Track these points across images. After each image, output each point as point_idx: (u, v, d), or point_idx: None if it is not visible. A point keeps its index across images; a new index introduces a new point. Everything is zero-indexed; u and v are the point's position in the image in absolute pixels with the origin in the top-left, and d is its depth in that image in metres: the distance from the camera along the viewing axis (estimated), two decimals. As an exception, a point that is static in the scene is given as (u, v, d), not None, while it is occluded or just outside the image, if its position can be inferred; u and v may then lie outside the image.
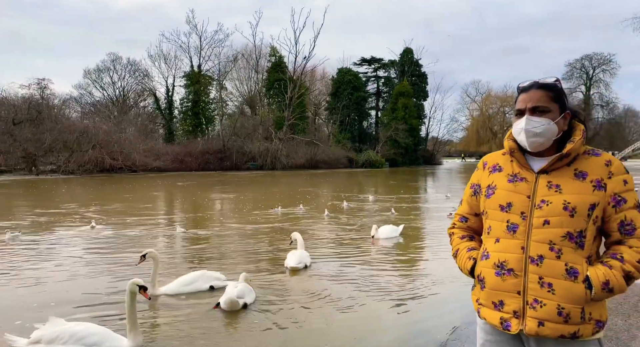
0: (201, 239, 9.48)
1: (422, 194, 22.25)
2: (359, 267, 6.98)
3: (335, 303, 5.34)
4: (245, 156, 48.24)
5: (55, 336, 3.76)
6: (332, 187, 26.05)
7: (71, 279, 6.39)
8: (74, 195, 21.60)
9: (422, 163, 65.42)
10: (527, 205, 1.69)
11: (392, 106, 61.16)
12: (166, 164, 41.84)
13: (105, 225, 11.32)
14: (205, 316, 4.93)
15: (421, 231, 10.51)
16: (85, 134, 38.50)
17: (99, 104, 57.30)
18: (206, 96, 56.78)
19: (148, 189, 24.87)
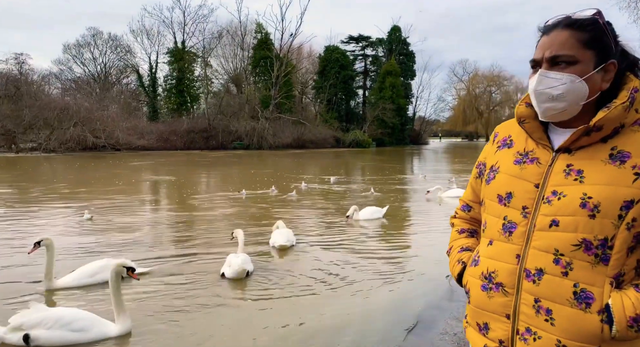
0: (113, 227, 8.38)
1: (402, 174, 22.45)
2: (342, 247, 6.99)
3: (329, 277, 5.51)
4: (231, 135, 47.85)
5: (38, 321, 3.57)
6: (310, 168, 26.12)
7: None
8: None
9: (409, 143, 65.73)
10: (533, 197, 1.21)
11: (379, 85, 60.92)
12: (151, 142, 41.34)
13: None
14: (196, 290, 5.05)
15: (403, 212, 10.49)
16: (66, 111, 37.69)
17: (80, 80, 55.88)
18: (191, 74, 55.71)
19: (105, 168, 24.56)
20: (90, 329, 3.68)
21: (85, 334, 3.65)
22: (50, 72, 55.47)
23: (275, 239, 6.79)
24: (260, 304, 4.47)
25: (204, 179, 19.11)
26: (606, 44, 1.19)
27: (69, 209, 10.27)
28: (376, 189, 13.54)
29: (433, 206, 11.08)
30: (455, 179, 15.45)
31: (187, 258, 6.12)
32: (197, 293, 4.82)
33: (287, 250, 6.65)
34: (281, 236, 6.80)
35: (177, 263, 5.89)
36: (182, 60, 53.25)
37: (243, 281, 5.22)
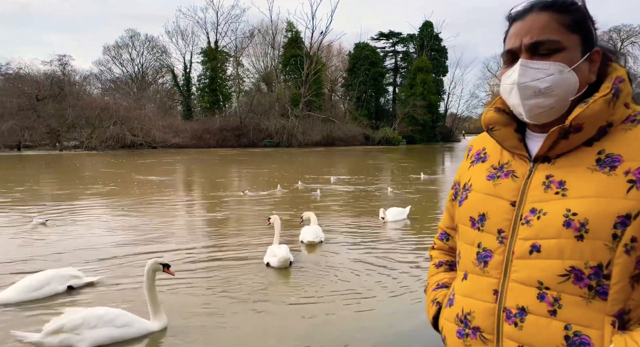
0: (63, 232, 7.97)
1: (429, 174, 22.21)
2: (370, 245, 7.15)
3: (365, 275, 5.67)
4: (262, 133, 48.55)
5: (80, 322, 3.59)
6: (331, 167, 26.16)
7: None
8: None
9: (440, 140, 64.69)
10: (509, 218, 1.00)
11: (410, 82, 60.17)
12: (185, 140, 42.51)
13: None
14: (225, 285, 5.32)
15: (428, 211, 10.44)
16: (107, 110, 39.32)
17: (118, 80, 58.11)
18: (223, 73, 56.84)
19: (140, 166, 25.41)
20: (132, 324, 3.82)
21: (129, 330, 3.80)
22: (91, 73, 58.00)
23: (304, 235, 7.08)
24: (305, 293, 4.69)
25: (240, 176, 19.58)
26: (589, 29, 0.99)
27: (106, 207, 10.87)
28: (398, 187, 13.59)
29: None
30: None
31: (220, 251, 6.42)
32: (241, 284, 5.13)
33: (315, 246, 6.93)
34: (310, 232, 7.08)
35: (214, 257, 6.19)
36: (215, 59, 54.37)
37: (287, 270, 5.73)
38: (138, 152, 35.86)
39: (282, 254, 5.73)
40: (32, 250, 6.72)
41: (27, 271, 5.39)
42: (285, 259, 5.72)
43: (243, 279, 5.43)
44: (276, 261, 5.73)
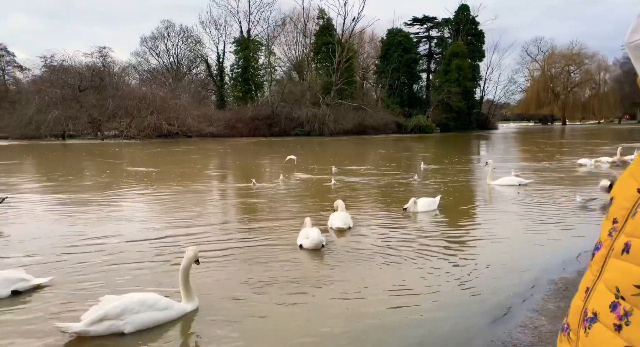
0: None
1: (460, 164, 21.63)
2: (399, 232, 7.10)
3: (394, 261, 5.61)
4: (293, 122, 48.70)
5: (123, 307, 3.66)
6: (355, 155, 25.87)
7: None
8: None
9: (475, 128, 62.88)
10: (628, 206, 0.85)
11: (444, 68, 58.61)
12: (219, 129, 43.23)
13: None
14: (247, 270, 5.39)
15: (458, 201, 9.97)
16: (144, 100, 40.50)
17: (155, 71, 59.67)
18: (255, 62, 57.23)
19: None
20: (172, 306, 3.94)
21: (170, 312, 3.91)
22: (130, 64, 59.88)
23: (333, 221, 7.11)
24: (335, 274, 4.67)
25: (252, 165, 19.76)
26: None
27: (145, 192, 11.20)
28: (429, 176, 13.25)
29: (486, 194, 10.65)
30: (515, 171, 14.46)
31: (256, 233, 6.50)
32: (274, 266, 5.19)
33: (344, 232, 6.93)
34: (339, 218, 7.10)
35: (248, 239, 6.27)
36: (248, 48, 54.76)
37: (319, 253, 5.84)
38: (174, 141, 36.86)
39: (315, 236, 5.89)
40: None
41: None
42: (318, 241, 5.89)
43: (276, 262, 5.51)
44: (309, 243, 5.89)
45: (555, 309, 3.92)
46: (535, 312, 3.88)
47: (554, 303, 4.06)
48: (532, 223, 7.39)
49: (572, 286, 4.46)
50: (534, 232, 6.85)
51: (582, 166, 16.42)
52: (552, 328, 3.55)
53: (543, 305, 4.03)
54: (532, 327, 3.59)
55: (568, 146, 28.00)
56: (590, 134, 44.27)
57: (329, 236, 6.63)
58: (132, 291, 4.15)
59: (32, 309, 4.10)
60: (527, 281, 4.72)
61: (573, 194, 9.65)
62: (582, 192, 9.73)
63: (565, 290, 4.38)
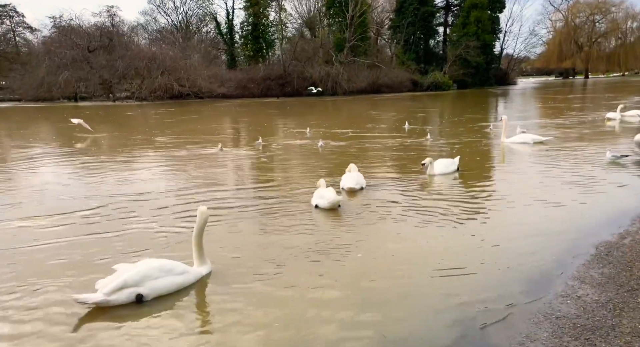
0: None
1: (474, 122, 20.88)
2: (416, 195, 6.80)
3: (418, 220, 5.34)
4: (306, 81, 47.50)
5: (143, 274, 3.56)
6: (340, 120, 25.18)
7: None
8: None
9: (494, 84, 60.72)
10: None
11: (462, 21, 55.81)
12: (230, 90, 42.47)
13: None
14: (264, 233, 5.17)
15: (476, 162, 9.50)
16: (154, 60, 39.69)
17: (164, 30, 58.38)
18: (265, 19, 55.30)
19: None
20: (189, 271, 3.83)
21: (188, 276, 3.81)
22: (138, 23, 58.55)
23: (345, 181, 6.93)
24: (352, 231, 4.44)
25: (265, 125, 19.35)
26: None
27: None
28: (443, 136, 12.70)
29: (503, 153, 10.13)
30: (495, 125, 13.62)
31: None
32: (289, 223, 4.98)
33: (357, 193, 6.74)
34: (351, 178, 6.91)
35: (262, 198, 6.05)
36: (257, 4, 52.74)
37: (336, 212, 5.75)
38: (186, 103, 36.42)
39: (331, 196, 5.78)
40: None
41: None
42: (335, 200, 5.76)
43: (291, 221, 5.35)
44: (326, 202, 5.78)
45: (599, 277, 3.62)
46: (577, 280, 3.58)
47: (597, 270, 3.76)
48: (562, 183, 6.95)
49: (615, 250, 4.14)
50: (565, 192, 6.43)
51: (610, 120, 15.66)
52: (597, 298, 3.26)
53: (585, 272, 3.73)
54: (575, 298, 3.30)
55: (592, 100, 26.76)
56: (616, 87, 42.32)
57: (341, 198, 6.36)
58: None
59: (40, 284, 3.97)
60: (565, 246, 4.39)
61: (603, 151, 9.15)
62: (613, 149, 9.21)
63: (608, 255, 4.06)
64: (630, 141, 10.37)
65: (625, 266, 3.78)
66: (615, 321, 2.93)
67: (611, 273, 3.66)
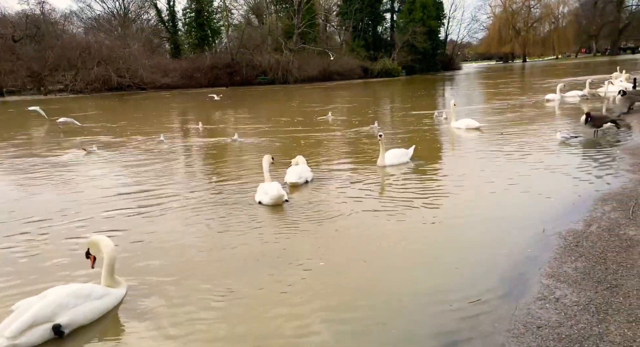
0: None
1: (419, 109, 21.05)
2: (362, 187, 6.39)
3: (338, 217, 4.89)
4: (255, 70, 46.27)
5: (56, 304, 2.92)
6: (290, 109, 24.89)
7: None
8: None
9: (440, 69, 62.16)
10: None
11: (409, 7, 56.50)
12: (175, 80, 40.49)
13: None
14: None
15: (428, 149, 9.09)
16: (88, 50, 36.91)
17: (100, 18, 54.62)
18: (209, 5, 53.03)
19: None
20: (109, 293, 3.27)
21: (110, 299, 3.24)
22: (71, 11, 54.32)
23: (287, 175, 6.48)
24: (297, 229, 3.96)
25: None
26: None
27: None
28: (392, 125, 12.50)
29: (449, 139, 10.02)
30: (440, 112, 13.55)
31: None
32: (235, 223, 4.43)
33: (301, 187, 6.34)
34: (293, 172, 6.46)
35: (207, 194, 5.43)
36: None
37: (281, 207, 5.39)
38: (126, 94, 34.26)
39: (274, 192, 5.34)
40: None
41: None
42: (279, 196, 5.35)
43: (235, 221, 4.85)
44: (269, 199, 5.37)
45: (573, 273, 3.33)
46: (552, 278, 3.27)
47: (570, 265, 3.48)
48: (518, 168, 6.78)
49: (584, 240, 3.90)
50: (523, 178, 6.23)
51: (550, 101, 16.04)
52: (577, 299, 2.95)
53: (558, 268, 3.44)
54: (553, 300, 2.98)
55: (532, 83, 27.76)
56: (551, 70, 44.42)
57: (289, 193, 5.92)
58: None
59: None
60: (532, 237, 4.11)
61: (552, 133, 9.20)
62: (562, 129, 9.29)
63: (578, 245, 3.81)
64: (575, 121, 10.54)
65: (598, 258, 3.54)
66: (602, 328, 2.63)
67: (585, 267, 3.40)
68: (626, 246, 3.71)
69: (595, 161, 6.83)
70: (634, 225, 4.14)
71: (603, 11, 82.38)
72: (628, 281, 3.13)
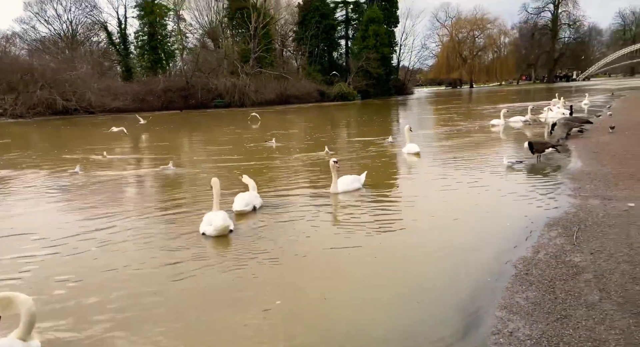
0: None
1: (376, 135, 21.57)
2: (313, 214, 6.30)
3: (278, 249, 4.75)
4: (211, 93, 45.73)
5: None
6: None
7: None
8: None
9: (394, 93, 64.27)
10: None
11: (362, 34, 58.41)
12: (126, 104, 39.13)
13: None
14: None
15: (380, 175, 9.13)
16: (31, 73, 35.05)
17: (46, 40, 52.38)
18: (163, 28, 52.37)
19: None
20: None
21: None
22: (13, 33, 51.77)
23: (234, 203, 6.28)
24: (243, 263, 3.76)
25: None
26: None
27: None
28: (341, 151, 12.66)
29: (400, 164, 10.25)
30: (392, 138, 13.93)
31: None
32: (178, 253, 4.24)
33: (247, 214, 6.16)
34: (239, 200, 6.29)
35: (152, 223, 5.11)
36: (153, 13, 49.74)
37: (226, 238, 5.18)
38: (71, 119, 32.68)
39: (218, 222, 5.16)
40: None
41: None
42: (222, 227, 5.17)
43: (178, 253, 4.62)
44: (212, 230, 5.19)
45: (525, 304, 3.34)
46: (505, 310, 3.26)
47: (521, 295, 3.49)
48: (466, 194, 6.96)
49: (533, 268, 3.96)
50: (471, 204, 6.40)
51: (495, 127, 16.83)
52: (529, 332, 2.94)
53: (511, 299, 3.44)
54: (507, 334, 2.95)
55: (479, 108, 29.18)
56: (495, 96, 47.07)
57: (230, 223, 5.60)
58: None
59: None
60: (482, 265, 4.15)
61: (499, 158, 9.57)
62: (507, 155, 9.70)
63: (528, 274, 3.85)
64: (519, 146, 11.04)
65: (547, 287, 3.58)
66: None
67: (536, 297, 3.42)
68: (572, 273, 3.80)
69: (539, 186, 7.10)
70: (578, 251, 4.27)
71: (540, 42, 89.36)
72: (576, 311, 3.17)
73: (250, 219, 6.03)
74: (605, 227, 4.84)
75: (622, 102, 25.68)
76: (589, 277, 3.68)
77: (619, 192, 6.24)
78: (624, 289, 3.42)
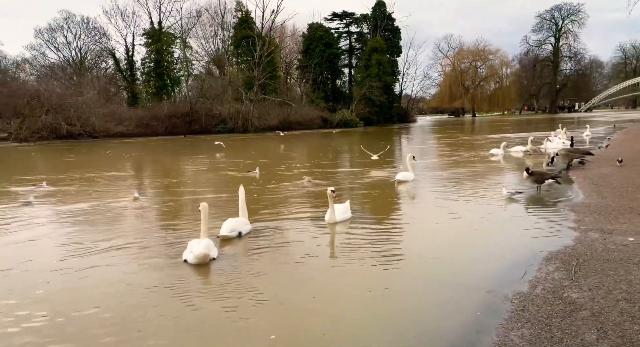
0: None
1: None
2: (299, 242, 6.24)
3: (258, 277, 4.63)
4: (214, 119, 46.26)
5: None
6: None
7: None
8: None
9: (396, 121, 64.86)
10: None
11: (365, 63, 59.49)
12: (130, 129, 39.58)
13: None
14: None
15: (375, 204, 9.09)
16: (37, 97, 35.64)
17: (55, 66, 53.59)
18: (169, 56, 53.53)
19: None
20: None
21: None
22: (23, 59, 53.09)
23: (221, 228, 6.20)
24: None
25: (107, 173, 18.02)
26: None
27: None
28: (327, 177, 12.61)
29: (402, 195, 10.18)
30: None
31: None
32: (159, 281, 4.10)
33: (233, 240, 6.10)
34: (226, 224, 6.23)
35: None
36: (160, 41, 51.01)
37: (207, 266, 5.10)
38: (75, 143, 32.96)
39: (199, 250, 5.10)
40: None
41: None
42: (203, 255, 5.09)
43: (157, 284, 4.45)
44: (193, 257, 5.13)
45: (520, 342, 3.21)
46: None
47: (516, 332, 3.37)
48: (464, 225, 6.83)
49: (529, 304, 3.83)
50: (468, 236, 6.28)
51: (494, 156, 16.80)
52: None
53: (505, 336, 3.31)
54: (500, 376, 2.83)
55: (480, 138, 29.31)
56: (497, 125, 47.37)
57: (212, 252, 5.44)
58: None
59: None
60: (478, 301, 4.02)
61: (499, 188, 9.49)
62: (507, 185, 9.62)
63: (524, 310, 3.72)
64: (519, 176, 10.97)
65: (543, 325, 3.45)
66: (549, 410, 2.47)
67: (532, 335, 3.29)
68: (570, 310, 3.67)
69: (538, 218, 6.99)
70: (576, 287, 4.15)
71: (541, 73, 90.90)
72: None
73: (237, 246, 5.93)
74: (604, 262, 4.72)
75: (623, 134, 25.77)
76: (587, 315, 3.55)
77: (619, 226, 6.13)
78: (621, 328, 3.29)
